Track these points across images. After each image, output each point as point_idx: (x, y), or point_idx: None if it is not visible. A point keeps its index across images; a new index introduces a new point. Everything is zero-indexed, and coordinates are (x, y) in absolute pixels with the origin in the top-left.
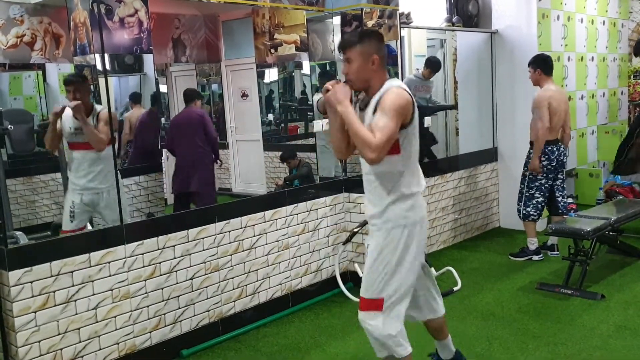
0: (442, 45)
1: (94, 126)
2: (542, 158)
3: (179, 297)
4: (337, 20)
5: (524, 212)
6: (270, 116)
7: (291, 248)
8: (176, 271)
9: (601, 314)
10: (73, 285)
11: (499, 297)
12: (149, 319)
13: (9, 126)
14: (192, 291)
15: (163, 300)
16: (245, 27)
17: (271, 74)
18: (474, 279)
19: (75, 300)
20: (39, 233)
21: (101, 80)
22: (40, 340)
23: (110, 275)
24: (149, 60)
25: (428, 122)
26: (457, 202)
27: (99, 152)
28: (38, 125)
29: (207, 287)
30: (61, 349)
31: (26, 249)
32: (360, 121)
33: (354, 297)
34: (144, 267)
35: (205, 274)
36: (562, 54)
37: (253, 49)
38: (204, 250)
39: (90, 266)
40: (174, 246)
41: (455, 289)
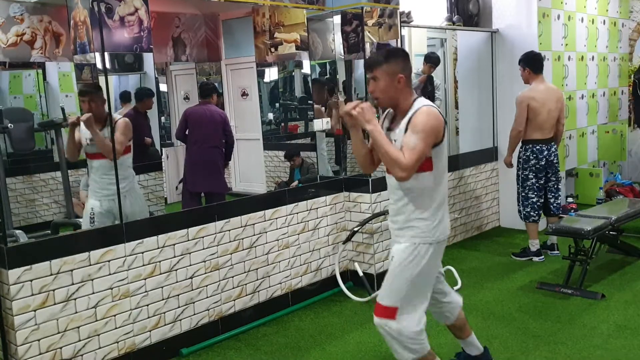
0: (443, 45)
1: (109, 136)
2: (531, 157)
3: (178, 295)
4: (337, 19)
5: (524, 213)
6: (270, 115)
7: (291, 247)
8: (176, 270)
9: (601, 314)
10: (73, 284)
11: (499, 296)
12: (148, 317)
13: (9, 125)
14: (192, 290)
15: (163, 299)
16: (246, 26)
17: (271, 73)
18: (474, 278)
19: (75, 299)
20: (38, 232)
21: (101, 79)
22: (40, 338)
23: (110, 274)
24: (149, 59)
25: None
26: (457, 201)
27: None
28: (38, 124)
29: (207, 286)
30: (61, 348)
31: (26, 248)
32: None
33: (354, 296)
34: (143, 265)
35: (205, 273)
36: (563, 53)
37: (253, 48)
38: (204, 249)
39: (90, 265)
40: (174, 245)
41: (455, 288)
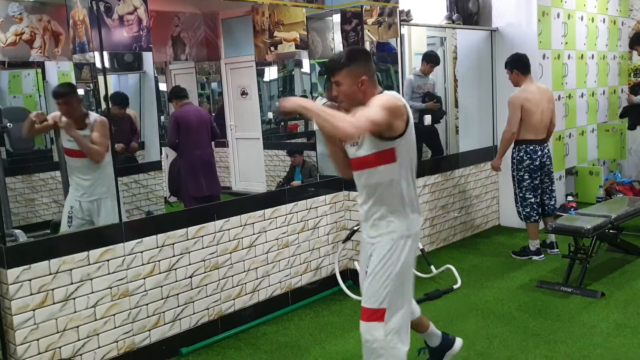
0: (442, 43)
1: (88, 136)
2: (525, 157)
3: (178, 295)
4: (337, 17)
5: (524, 213)
6: (270, 114)
7: (291, 246)
8: (175, 269)
9: (601, 312)
10: (72, 283)
11: (498, 295)
12: (148, 317)
13: (8, 124)
14: (192, 289)
15: (162, 299)
16: (245, 25)
17: (271, 72)
18: (473, 277)
19: (74, 298)
20: (38, 231)
21: (100, 78)
22: (39, 338)
23: (109, 273)
24: (148, 58)
25: (428, 120)
26: (457, 200)
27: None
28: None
29: (206, 285)
30: (60, 347)
31: (25, 247)
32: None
33: (354, 295)
34: (143, 265)
35: (205, 272)
36: (562, 51)
37: (253, 47)
38: (203, 249)
39: (89, 264)
40: (173, 244)
41: (455, 287)
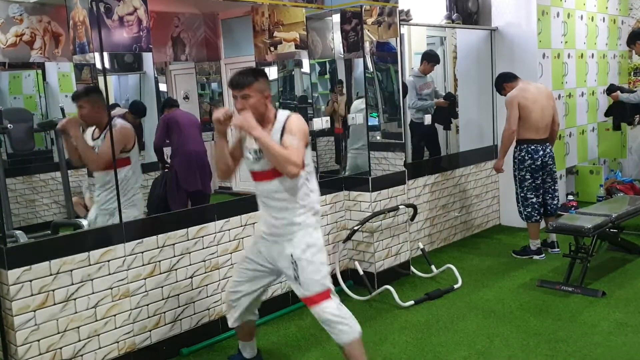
0: (442, 43)
1: (105, 144)
2: (526, 157)
3: (178, 295)
4: (336, 17)
5: (525, 213)
6: None
7: None
8: (176, 269)
9: (602, 311)
10: (72, 284)
11: (499, 294)
12: (148, 317)
13: (9, 125)
14: (192, 289)
15: (163, 299)
16: (245, 25)
17: (271, 72)
18: (474, 277)
19: (75, 299)
20: (38, 232)
21: (100, 79)
22: (40, 339)
23: (109, 274)
24: (148, 58)
25: (428, 119)
26: (457, 199)
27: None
28: (38, 125)
29: (207, 285)
30: (60, 348)
31: (25, 248)
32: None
33: (354, 294)
34: (143, 265)
35: (205, 272)
36: (562, 51)
37: (252, 47)
38: (203, 249)
39: (90, 265)
40: (174, 244)
41: (456, 286)
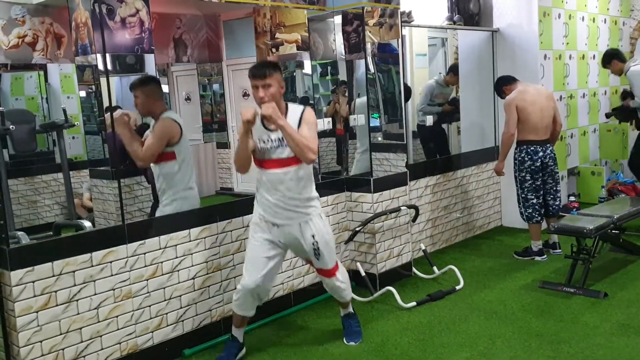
0: (444, 44)
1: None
2: (526, 158)
3: (180, 296)
4: (338, 19)
5: (526, 214)
6: None
7: None
8: (178, 271)
9: (604, 312)
10: (75, 285)
11: (501, 295)
12: (150, 318)
13: (11, 126)
14: (194, 291)
15: (165, 300)
16: (247, 26)
17: None
18: (476, 278)
19: (77, 300)
20: (40, 233)
21: (102, 80)
22: (42, 340)
23: (112, 275)
24: (150, 60)
25: (430, 120)
26: (459, 200)
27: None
28: (40, 126)
29: (209, 286)
30: (63, 349)
31: (28, 249)
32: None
33: (356, 296)
34: (145, 266)
35: (207, 274)
36: (564, 52)
37: (254, 48)
38: (206, 250)
39: (92, 266)
40: (176, 246)
41: (458, 287)
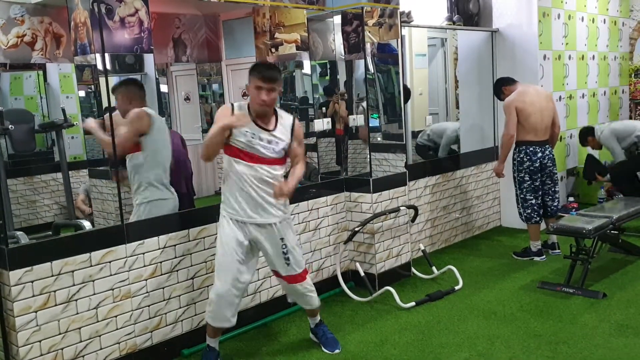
0: (443, 44)
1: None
2: (525, 158)
3: (180, 296)
4: (337, 19)
5: (525, 215)
6: None
7: None
8: (177, 270)
9: (603, 313)
10: (74, 285)
11: (500, 296)
12: (149, 318)
13: (10, 126)
14: (194, 290)
15: (164, 300)
16: (246, 26)
17: None
18: (475, 278)
19: (76, 300)
20: (39, 233)
21: (102, 80)
22: (41, 339)
23: (111, 275)
24: (149, 59)
25: (429, 120)
26: (458, 201)
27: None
28: (39, 125)
29: (208, 286)
30: (62, 349)
31: (27, 249)
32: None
33: (355, 296)
34: (144, 266)
35: (207, 274)
36: (563, 52)
37: (254, 48)
38: (205, 250)
39: (91, 265)
40: (175, 245)
41: (457, 287)
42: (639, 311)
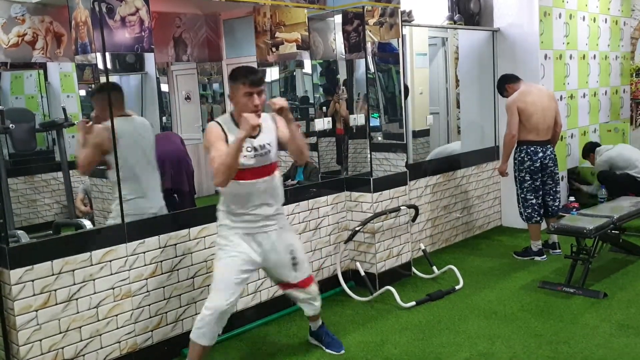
0: (444, 44)
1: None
2: (525, 158)
3: (180, 295)
4: (338, 18)
5: (526, 214)
6: None
7: None
8: (177, 270)
9: (603, 313)
10: (74, 284)
11: (501, 295)
12: (150, 317)
13: (11, 125)
14: (194, 289)
15: (164, 299)
16: (247, 25)
17: (272, 73)
18: (475, 278)
19: (77, 299)
20: (40, 232)
21: (102, 79)
22: (42, 338)
23: (111, 274)
24: (150, 59)
25: (430, 120)
26: (459, 200)
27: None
28: (39, 125)
29: (208, 285)
30: (62, 348)
31: (27, 248)
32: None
33: (356, 295)
34: (145, 265)
35: (207, 273)
36: (564, 52)
37: (254, 47)
38: (205, 249)
39: (92, 265)
40: (175, 245)
41: (457, 287)
42: (639, 311)
